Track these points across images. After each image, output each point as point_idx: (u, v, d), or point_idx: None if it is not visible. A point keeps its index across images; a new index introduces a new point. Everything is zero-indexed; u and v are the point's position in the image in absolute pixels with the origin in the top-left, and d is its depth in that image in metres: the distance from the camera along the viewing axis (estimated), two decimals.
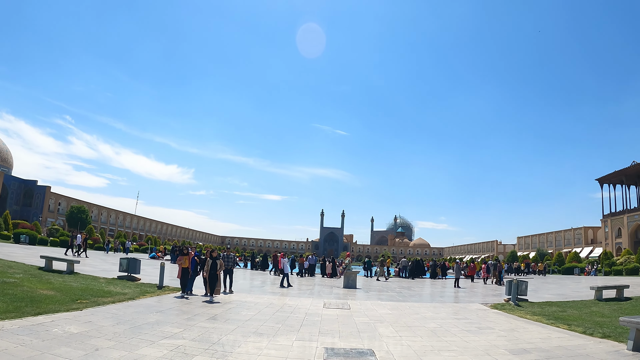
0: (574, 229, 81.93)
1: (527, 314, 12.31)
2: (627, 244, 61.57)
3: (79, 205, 70.93)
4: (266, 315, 10.22)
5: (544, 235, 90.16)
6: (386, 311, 12.02)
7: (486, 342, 8.01)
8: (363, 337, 8.01)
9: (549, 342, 8.35)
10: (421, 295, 18.35)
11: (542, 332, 9.48)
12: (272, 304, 12.49)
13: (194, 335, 7.38)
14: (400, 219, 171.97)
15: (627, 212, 64.56)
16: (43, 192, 72.84)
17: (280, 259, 19.45)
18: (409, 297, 16.93)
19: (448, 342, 7.86)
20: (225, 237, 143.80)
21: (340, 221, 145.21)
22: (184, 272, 12.61)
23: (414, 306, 13.55)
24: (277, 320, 9.54)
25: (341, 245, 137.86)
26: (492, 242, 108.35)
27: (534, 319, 11.42)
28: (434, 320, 10.53)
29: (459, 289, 21.95)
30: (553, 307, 14.08)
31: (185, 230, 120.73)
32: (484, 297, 17.95)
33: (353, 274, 19.93)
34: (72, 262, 16.56)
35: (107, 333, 7.10)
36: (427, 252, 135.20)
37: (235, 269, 30.09)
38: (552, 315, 12.05)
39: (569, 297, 18.32)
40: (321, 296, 15.55)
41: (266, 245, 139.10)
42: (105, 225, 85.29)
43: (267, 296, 14.47)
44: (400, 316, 11.13)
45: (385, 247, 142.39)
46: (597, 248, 73.24)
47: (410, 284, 25.42)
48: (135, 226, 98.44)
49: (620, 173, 65.11)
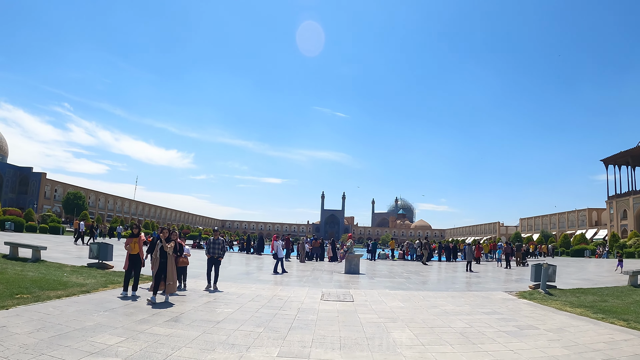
0: (578, 210, 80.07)
1: (564, 305, 10.24)
2: (633, 225, 60.11)
3: (75, 192, 69.80)
4: (248, 312, 8.10)
5: (547, 216, 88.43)
6: (397, 304, 9.91)
7: (540, 352, 5.90)
8: (373, 347, 5.86)
9: (619, 347, 6.27)
10: (433, 282, 16.23)
11: (599, 332, 7.39)
12: (259, 295, 10.38)
13: (135, 349, 5.24)
14: (401, 201, 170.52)
15: (633, 194, 62.91)
16: (39, 179, 71.37)
17: (273, 242, 17.22)
18: (420, 284, 14.85)
19: (490, 354, 5.72)
20: (225, 221, 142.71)
21: (341, 203, 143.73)
22: (133, 260, 9.06)
23: (428, 296, 11.44)
24: (259, 320, 7.41)
25: (342, 228, 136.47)
26: (495, 223, 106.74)
27: (577, 312, 9.34)
28: (458, 317, 8.42)
29: (472, 273, 19.94)
30: (589, 296, 12.02)
31: (185, 215, 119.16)
32: (504, 284, 15.92)
33: (356, 258, 17.86)
34: (39, 248, 14.63)
35: (11, 346, 4.98)
36: (428, 234, 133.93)
37: (229, 252, 27.80)
38: (595, 307, 10.00)
39: (597, 283, 16.30)
40: (319, 284, 13.42)
41: (267, 229, 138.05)
42: (103, 211, 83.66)
43: (256, 285, 12.34)
44: (415, 311, 9.01)
45: (387, 229, 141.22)
46: (601, 230, 71.76)
47: (418, 267, 23.42)
48: (134, 211, 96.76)
49: (626, 154, 63.20)
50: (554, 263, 15.03)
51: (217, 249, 11.19)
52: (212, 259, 11.08)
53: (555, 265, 13.96)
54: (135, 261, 9.08)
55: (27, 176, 71.43)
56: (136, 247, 9.09)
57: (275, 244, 16.78)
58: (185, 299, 9.34)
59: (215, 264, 11.06)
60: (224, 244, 11.46)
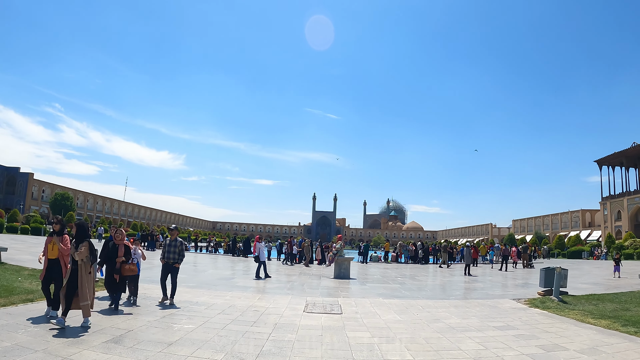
0: (571, 211, 79.70)
1: (585, 316, 8.90)
2: (628, 227, 59.71)
3: (63, 192, 67.66)
4: (212, 330, 6.58)
5: (540, 218, 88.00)
6: (393, 316, 8.45)
7: None
8: None
9: None
10: (430, 288, 14.62)
11: None
12: (232, 306, 8.85)
13: None
14: (393, 203, 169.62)
15: (628, 195, 62.54)
16: (26, 179, 68.99)
17: (255, 243, 15.63)
18: (416, 290, 13.37)
19: None
20: (217, 222, 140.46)
21: (333, 205, 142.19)
22: (51, 268, 6.54)
23: (428, 306, 10.00)
24: (222, 342, 5.89)
25: (334, 229, 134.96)
26: (487, 225, 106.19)
27: (603, 324, 7.99)
28: (467, 334, 6.99)
29: (471, 278, 18.59)
30: (607, 304, 10.72)
31: (176, 216, 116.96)
32: (509, 289, 14.56)
33: (346, 262, 16.38)
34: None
35: None
36: (420, 236, 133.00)
37: (213, 255, 26.08)
38: (621, 318, 8.68)
39: (609, 287, 15.08)
40: (304, 292, 11.87)
41: (258, 230, 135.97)
42: (92, 213, 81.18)
43: (232, 293, 10.79)
44: (415, 326, 7.55)
45: (378, 231, 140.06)
46: (595, 231, 71.33)
47: (412, 271, 22.04)
48: (124, 213, 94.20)
49: (619, 155, 62.82)
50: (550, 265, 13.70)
51: (173, 252, 8.78)
52: (167, 266, 8.78)
53: (567, 270, 12.65)
54: (53, 269, 6.53)
55: (14, 176, 69.20)
56: (55, 249, 6.47)
57: (257, 246, 15.25)
58: (141, 310, 7.79)
59: (172, 272, 8.77)
60: (182, 247, 9.03)
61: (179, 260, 8.82)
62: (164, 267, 8.85)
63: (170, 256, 8.79)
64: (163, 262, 8.89)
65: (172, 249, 8.83)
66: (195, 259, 25.11)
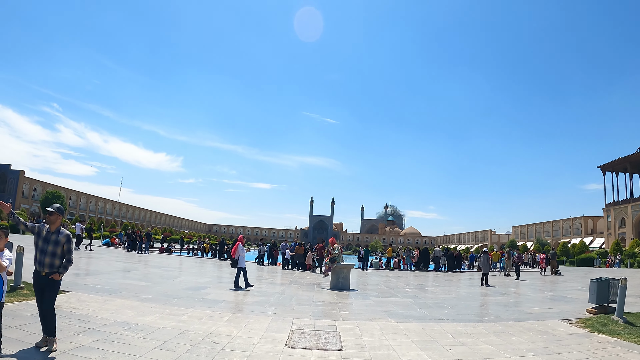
0: (573, 218, 77.58)
1: None
2: (632, 233, 57.69)
3: (54, 191, 65.31)
4: None
5: (541, 224, 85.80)
6: (417, 353, 5.75)
7: None
8: None
9: None
10: (450, 304, 11.38)
11: None
12: (183, 333, 6.12)
13: None
14: (391, 208, 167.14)
15: (632, 201, 60.63)
16: (17, 176, 66.22)
17: (237, 245, 12.81)
18: (434, 307, 10.46)
19: None
20: (213, 225, 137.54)
21: (330, 209, 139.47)
22: None
23: (459, 333, 7.29)
24: None
25: (331, 234, 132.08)
26: (486, 231, 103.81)
27: None
28: None
29: (491, 289, 15.92)
30: None
31: (172, 218, 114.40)
32: (546, 305, 11.79)
33: (345, 270, 13.63)
34: None
35: None
36: (418, 241, 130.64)
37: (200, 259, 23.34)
38: None
39: None
40: (291, 310, 9.03)
41: (254, 233, 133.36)
42: (85, 213, 78.21)
43: (193, 310, 8.01)
44: None
45: (376, 236, 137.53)
46: (597, 238, 69.16)
47: (418, 280, 19.38)
48: (117, 213, 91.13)
49: (624, 160, 61.17)
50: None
51: (52, 253, 4.86)
52: (40, 279, 4.88)
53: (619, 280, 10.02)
54: None
55: (4, 173, 66.61)
56: None
57: (238, 249, 12.51)
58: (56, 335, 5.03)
59: (48, 290, 4.89)
60: (70, 244, 4.99)
61: (60, 269, 4.90)
62: (36, 283, 4.94)
63: (46, 260, 4.83)
64: (33, 272, 4.99)
65: (51, 247, 4.86)
66: (176, 262, 22.39)
